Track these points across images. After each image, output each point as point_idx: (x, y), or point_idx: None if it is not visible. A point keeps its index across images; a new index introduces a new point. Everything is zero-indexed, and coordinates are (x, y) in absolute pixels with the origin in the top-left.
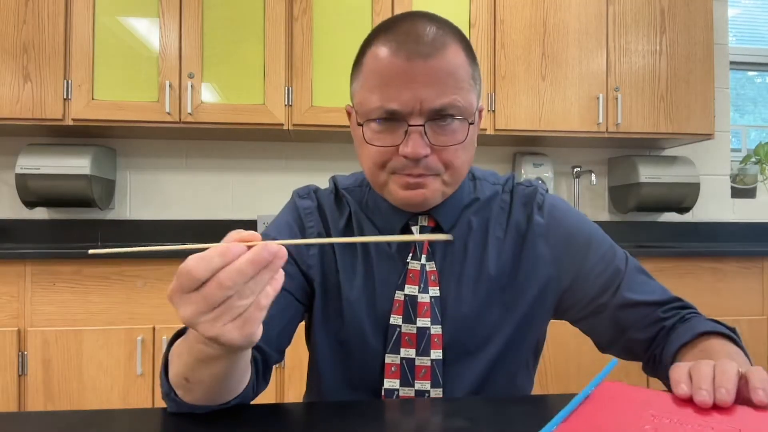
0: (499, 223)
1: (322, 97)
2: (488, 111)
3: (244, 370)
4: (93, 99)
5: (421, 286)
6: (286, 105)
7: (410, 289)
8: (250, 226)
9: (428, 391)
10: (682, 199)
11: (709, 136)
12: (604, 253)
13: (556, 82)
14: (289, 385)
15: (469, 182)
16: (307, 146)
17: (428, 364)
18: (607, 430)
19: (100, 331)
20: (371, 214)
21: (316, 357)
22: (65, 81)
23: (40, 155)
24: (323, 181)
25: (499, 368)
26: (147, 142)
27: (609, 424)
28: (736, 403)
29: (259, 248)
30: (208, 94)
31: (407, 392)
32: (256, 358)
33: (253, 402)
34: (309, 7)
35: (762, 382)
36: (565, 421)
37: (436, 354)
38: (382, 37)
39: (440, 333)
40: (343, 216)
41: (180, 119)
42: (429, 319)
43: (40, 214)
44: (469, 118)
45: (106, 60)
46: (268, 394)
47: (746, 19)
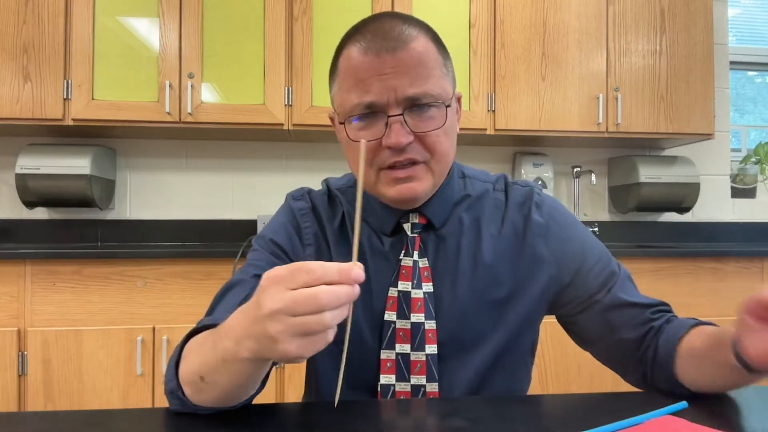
0: (493, 221)
1: (322, 97)
2: (488, 111)
3: (261, 377)
4: (93, 99)
5: (414, 282)
6: (286, 105)
7: (403, 286)
8: (250, 226)
9: (424, 386)
10: (682, 199)
11: (709, 136)
12: (600, 256)
13: (556, 82)
14: (289, 385)
15: (459, 180)
16: (307, 146)
17: (423, 359)
18: None
19: (100, 331)
20: (363, 213)
21: (314, 357)
22: (65, 81)
23: (40, 155)
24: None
25: (498, 365)
26: (147, 142)
27: None
28: None
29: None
30: (208, 94)
31: (403, 387)
32: None
33: (253, 402)
34: (309, 7)
35: None
36: None
37: (431, 349)
38: (352, 39)
39: (434, 328)
40: (337, 216)
41: (180, 119)
42: (423, 314)
43: (40, 214)
44: (446, 102)
45: (106, 60)
46: (268, 394)
47: (746, 19)
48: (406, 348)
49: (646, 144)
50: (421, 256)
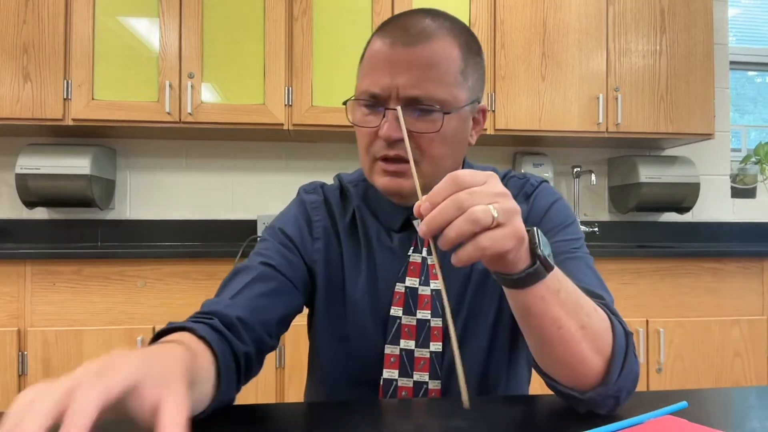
0: None
1: (322, 97)
2: (488, 111)
3: (199, 397)
4: (93, 99)
5: (422, 278)
6: (286, 105)
7: (411, 282)
8: (250, 226)
9: (426, 383)
10: (682, 199)
11: (709, 136)
12: (571, 237)
13: (556, 82)
14: (289, 385)
15: None
16: (307, 146)
17: (427, 356)
18: None
19: (100, 331)
20: (374, 208)
21: (318, 350)
22: (65, 81)
23: (40, 155)
24: (324, 181)
25: (499, 364)
26: (147, 142)
27: None
28: None
29: None
30: (208, 94)
31: (406, 383)
32: (249, 353)
33: (254, 402)
34: (309, 7)
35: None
36: None
37: (436, 346)
38: (381, 29)
39: (440, 326)
40: (348, 211)
41: (180, 119)
42: (429, 312)
43: (40, 214)
44: (449, 109)
45: (106, 60)
46: (268, 394)
47: (746, 19)
48: (411, 344)
49: (646, 144)
50: (430, 253)
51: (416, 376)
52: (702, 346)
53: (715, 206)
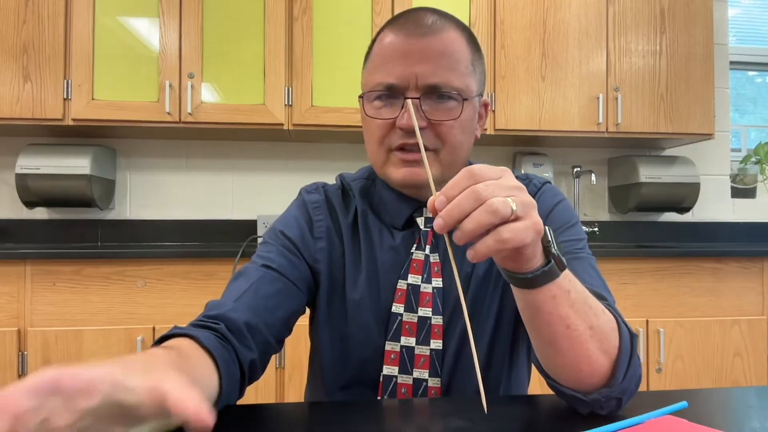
0: None
1: (322, 97)
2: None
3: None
4: (93, 99)
5: (424, 276)
6: (286, 105)
7: (413, 279)
8: (250, 226)
9: (426, 380)
10: (682, 199)
11: (709, 136)
12: (575, 237)
13: (556, 82)
14: (289, 385)
15: None
16: (307, 146)
17: (427, 353)
18: None
19: (100, 331)
20: (376, 207)
21: (319, 349)
22: (65, 81)
23: (40, 155)
24: (324, 181)
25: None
26: (147, 142)
27: None
28: None
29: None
30: (208, 94)
31: (405, 380)
32: (254, 360)
33: (254, 402)
34: (309, 7)
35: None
36: None
37: (436, 344)
38: (388, 26)
39: (441, 323)
40: (350, 211)
41: (180, 119)
42: (430, 309)
43: (40, 214)
44: (466, 96)
45: (106, 60)
46: (268, 394)
47: (746, 19)
48: (411, 341)
49: (646, 144)
50: (433, 251)
51: (416, 374)
52: (702, 346)
53: (715, 206)
